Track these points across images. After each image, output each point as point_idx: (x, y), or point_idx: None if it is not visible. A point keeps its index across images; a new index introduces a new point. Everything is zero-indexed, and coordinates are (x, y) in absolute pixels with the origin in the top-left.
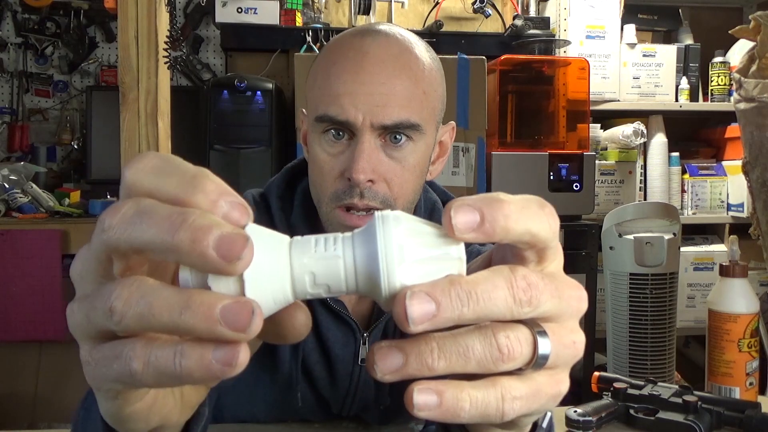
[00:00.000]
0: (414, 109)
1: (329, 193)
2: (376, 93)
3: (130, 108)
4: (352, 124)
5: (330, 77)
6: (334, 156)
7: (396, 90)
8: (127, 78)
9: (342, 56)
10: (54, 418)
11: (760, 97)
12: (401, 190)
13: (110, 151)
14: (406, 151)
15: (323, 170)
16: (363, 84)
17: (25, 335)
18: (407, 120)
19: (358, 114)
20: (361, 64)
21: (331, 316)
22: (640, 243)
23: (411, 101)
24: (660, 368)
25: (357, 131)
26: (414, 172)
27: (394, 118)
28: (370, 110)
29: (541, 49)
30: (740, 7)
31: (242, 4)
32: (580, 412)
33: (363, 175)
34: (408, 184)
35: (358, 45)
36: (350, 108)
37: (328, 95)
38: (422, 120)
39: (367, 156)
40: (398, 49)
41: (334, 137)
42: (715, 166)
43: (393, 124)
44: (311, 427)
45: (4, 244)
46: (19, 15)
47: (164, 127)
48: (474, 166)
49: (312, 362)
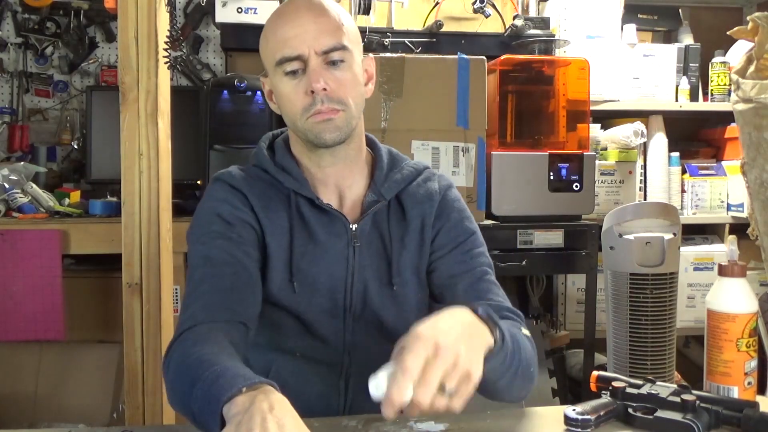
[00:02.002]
0: (339, 36)
1: (300, 110)
2: (312, 30)
3: (130, 108)
4: (302, 55)
5: (276, 33)
6: (296, 85)
7: (324, 26)
8: (127, 78)
9: (280, 18)
10: (54, 418)
11: (757, 98)
12: (350, 93)
13: (110, 151)
14: (343, 68)
15: (291, 97)
16: (301, 27)
17: (25, 335)
18: (339, 43)
19: (304, 46)
20: (295, 17)
21: (322, 214)
22: (640, 243)
23: (337, 31)
24: (660, 368)
25: (307, 60)
26: (354, 82)
27: (328, 43)
28: (312, 42)
29: (541, 49)
30: (740, 7)
31: (242, 4)
32: (578, 410)
33: (319, 84)
34: (352, 90)
35: (293, 9)
36: (298, 45)
37: (280, 43)
38: (348, 42)
39: (318, 73)
40: (318, 5)
41: (293, 75)
42: (715, 166)
43: (330, 47)
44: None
45: (4, 244)
46: (19, 15)
47: (164, 127)
48: (474, 166)
49: (307, 262)
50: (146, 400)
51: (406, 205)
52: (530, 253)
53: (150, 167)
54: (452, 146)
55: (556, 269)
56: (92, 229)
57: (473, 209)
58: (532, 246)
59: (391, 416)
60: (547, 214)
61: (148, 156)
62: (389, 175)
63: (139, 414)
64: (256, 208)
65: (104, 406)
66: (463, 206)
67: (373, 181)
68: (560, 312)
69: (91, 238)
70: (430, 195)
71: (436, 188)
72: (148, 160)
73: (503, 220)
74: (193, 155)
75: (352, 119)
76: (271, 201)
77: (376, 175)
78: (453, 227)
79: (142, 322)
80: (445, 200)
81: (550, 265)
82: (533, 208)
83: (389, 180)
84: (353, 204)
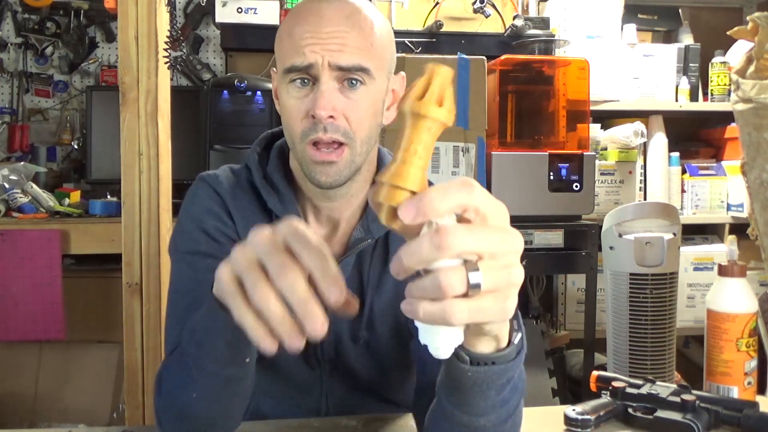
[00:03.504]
0: (364, 56)
1: (299, 132)
2: (332, 42)
3: (130, 108)
4: (313, 65)
5: (292, 36)
6: (300, 99)
7: (348, 41)
8: (127, 78)
9: (302, 18)
10: (54, 418)
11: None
12: (359, 126)
13: (110, 151)
14: (360, 93)
15: (292, 113)
16: (320, 36)
17: (25, 335)
18: (359, 64)
19: (317, 57)
20: (318, 23)
21: None
22: (640, 243)
23: (362, 50)
24: (660, 368)
25: (318, 74)
26: (368, 112)
27: (348, 60)
28: (328, 54)
29: (541, 49)
30: (740, 7)
31: (242, 4)
32: (578, 410)
33: (324, 111)
34: (364, 122)
35: (316, 8)
36: (311, 54)
37: (292, 48)
38: (373, 66)
39: (327, 95)
40: (350, 11)
41: (300, 84)
42: (715, 166)
43: (348, 66)
44: (311, 426)
45: (4, 244)
46: (19, 15)
47: (164, 127)
48: (474, 166)
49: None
50: (146, 400)
51: (391, 243)
52: (530, 253)
53: (150, 167)
54: (452, 146)
55: (556, 269)
56: (92, 229)
57: None
58: (532, 246)
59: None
60: (547, 214)
61: (148, 156)
62: None
63: (139, 414)
64: (238, 225)
65: (104, 406)
66: None
67: (366, 212)
68: (560, 312)
69: (91, 238)
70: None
71: None
72: (148, 160)
73: None
74: (193, 155)
75: (357, 157)
76: (255, 219)
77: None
78: None
79: (142, 322)
80: None
81: (550, 265)
82: (533, 208)
83: None
84: (342, 236)
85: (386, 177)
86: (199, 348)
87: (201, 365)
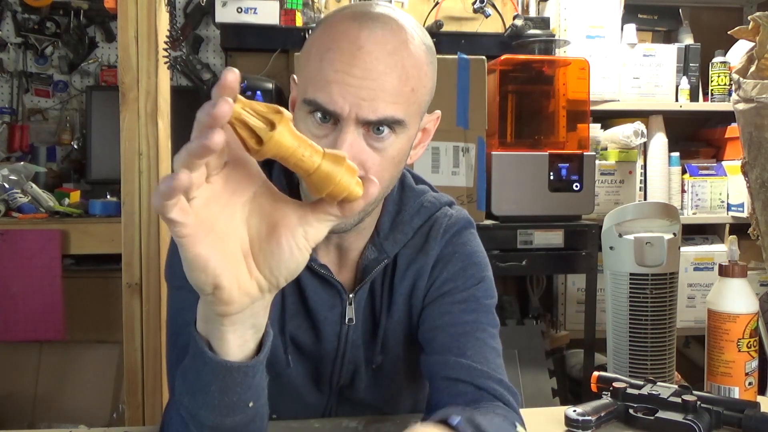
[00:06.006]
0: (400, 106)
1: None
2: (365, 87)
3: (130, 108)
4: (338, 114)
5: (323, 62)
6: (318, 138)
7: (385, 86)
8: (127, 78)
9: (337, 44)
10: (54, 418)
11: (758, 98)
12: (380, 177)
13: (110, 151)
14: (387, 142)
15: None
16: (354, 77)
17: (25, 335)
18: (392, 116)
19: (345, 105)
20: (354, 57)
21: (317, 279)
22: (640, 243)
23: (398, 98)
24: (660, 368)
25: (342, 121)
26: (393, 162)
27: (379, 114)
28: (357, 103)
29: (541, 49)
30: (740, 7)
31: (242, 4)
32: (579, 411)
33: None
34: (386, 173)
35: (354, 35)
36: (338, 98)
37: (319, 81)
38: (407, 116)
39: (348, 146)
40: (393, 46)
41: (321, 120)
42: (715, 166)
43: (377, 120)
44: (311, 427)
45: (4, 244)
46: (19, 15)
47: (164, 127)
48: (474, 166)
49: (296, 326)
50: (146, 400)
51: (400, 263)
52: (530, 253)
53: (150, 167)
54: (452, 146)
55: (556, 269)
56: (92, 229)
57: (473, 210)
58: (532, 246)
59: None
60: (547, 214)
61: (148, 156)
62: (397, 220)
63: (139, 414)
64: None
65: (104, 406)
66: (472, 250)
67: (376, 231)
68: (560, 312)
69: (91, 238)
70: (427, 250)
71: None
72: (148, 160)
73: (503, 220)
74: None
75: (370, 205)
76: None
77: (381, 223)
78: (450, 278)
79: (142, 322)
80: (448, 247)
81: (550, 265)
82: (533, 208)
83: (395, 229)
84: (352, 262)
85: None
86: (193, 398)
87: (200, 420)
